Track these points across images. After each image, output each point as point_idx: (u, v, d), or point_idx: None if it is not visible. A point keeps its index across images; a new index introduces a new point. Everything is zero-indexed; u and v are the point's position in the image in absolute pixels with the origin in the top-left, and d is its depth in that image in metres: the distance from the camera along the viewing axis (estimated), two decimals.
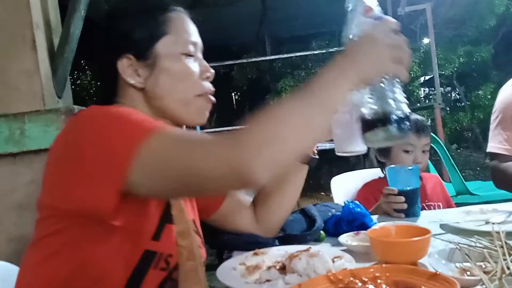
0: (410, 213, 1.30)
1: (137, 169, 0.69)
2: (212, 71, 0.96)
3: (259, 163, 0.65)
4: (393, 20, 0.80)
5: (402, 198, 1.30)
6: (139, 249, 0.80)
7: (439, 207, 1.67)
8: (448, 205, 1.73)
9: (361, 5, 0.83)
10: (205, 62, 0.95)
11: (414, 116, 1.68)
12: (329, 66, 0.76)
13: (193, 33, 0.94)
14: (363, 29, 0.80)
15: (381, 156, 1.70)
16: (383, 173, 1.70)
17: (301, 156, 0.70)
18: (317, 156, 1.13)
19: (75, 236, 0.79)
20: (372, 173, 1.83)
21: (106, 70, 0.92)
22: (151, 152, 0.69)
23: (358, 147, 0.95)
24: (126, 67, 0.89)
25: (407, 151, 1.62)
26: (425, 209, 1.59)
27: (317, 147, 1.15)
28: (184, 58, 0.91)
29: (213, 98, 0.95)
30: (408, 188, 1.31)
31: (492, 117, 1.97)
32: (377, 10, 0.82)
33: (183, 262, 0.85)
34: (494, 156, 1.92)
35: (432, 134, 3.57)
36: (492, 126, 1.95)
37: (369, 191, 1.68)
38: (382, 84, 0.80)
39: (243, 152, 0.65)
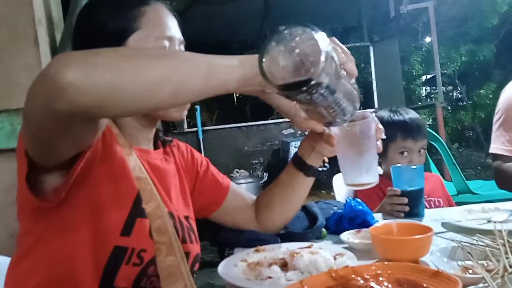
0: (413, 213, 1.28)
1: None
2: None
3: (74, 66, 0.58)
4: None
5: (405, 200, 1.29)
6: (108, 245, 0.79)
7: (439, 203, 1.66)
8: (449, 204, 1.72)
9: None
10: None
11: (412, 116, 1.67)
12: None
13: (170, 27, 0.91)
14: None
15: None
16: (382, 169, 1.70)
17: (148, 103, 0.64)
18: (325, 168, 1.10)
19: (42, 235, 0.80)
20: None
21: None
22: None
23: (367, 178, 0.91)
24: None
25: (402, 153, 1.62)
26: (426, 207, 1.58)
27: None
28: None
29: None
30: (412, 189, 1.29)
31: (495, 118, 1.96)
32: None
33: (163, 258, 0.84)
34: (496, 157, 1.91)
35: (433, 133, 3.58)
36: (494, 126, 1.95)
37: (371, 188, 1.67)
38: None
39: (63, 57, 0.61)
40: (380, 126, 0.95)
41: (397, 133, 1.61)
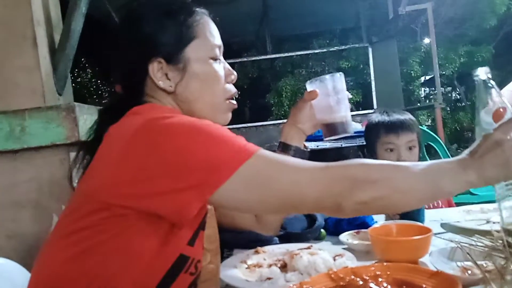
0: (411, 219, 1.26)
1: (233, 185, 0.72)
2: (235, 74, 0.96)
3: (353, 203, 0.71)
4: None
5: None
6: (175, 253, 0.80)
7: (437, 204, 1.66)
8: (448, 205, 1.72)
9: (494, 104, 0.84)
10: (228, 65, 0.96)
11: (397, 115, 1.67)
12: (456, 158, 0.77)
13: (217, 36, 0.94)
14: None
15: (368, 155, 1.71)
16: None
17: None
18: (308, 149, 1.15)
19: (122, 232, 0.76)
20: None
21: (133, 71, 0.91)
22: (254, 170, 0.73)
23: (345, 128, 1.06)
24: (157, 70, 0.89)
25: (391, 150, 1.62)
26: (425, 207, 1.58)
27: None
28: (212, 62, 0.91)
29: (234, 102, 0.96)
30: None
31: None
32: (509, 112, 0.82)
33: (205, 264, 0.87)
34: None
35: (432, 133, 3.59)
36: None
37: None
38: None
39: (344, 187, 0.72)
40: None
41: (381, 130, 1.64)
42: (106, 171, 0.77)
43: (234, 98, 0.96)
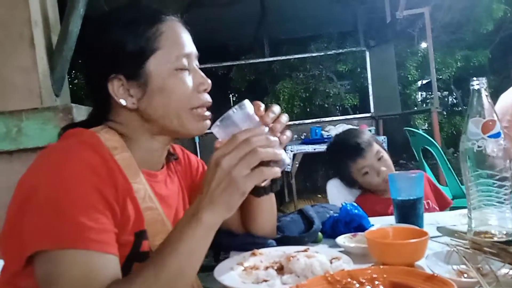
0: (410, 223, 1.14)
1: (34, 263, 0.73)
2: (209, 82, 0.90)
3: None
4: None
5: None
6: None
7: (428, 205, 1.66)
8: (436, 194, 1.72)
9: (484, 116, 0.90)
10: (201, 73, 0.90)
11: (347, 141, 1.69)
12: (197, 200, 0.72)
13: (187, 44, 0.89)
14: None
15: (348, 184, 1.75)
16: (364, 187, 1.74)
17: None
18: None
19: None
20: None
21: (97, 89, 0.88)
22: (47, 263, 0.72)
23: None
24: (117, 88, 0.84)
25: (366, 173, 1.65)
26: None
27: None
28: (177, 73, 0.86)
29: (207, 112, 0.90)
30: (406, 198, 1.18)
31: None
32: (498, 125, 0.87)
33: None
34: None
35: (429, 137, 3.60)
36: None
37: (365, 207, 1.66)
38: None
39: None
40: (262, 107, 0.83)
41: (347, 161, 1.68)
42: None
43: (208, 108, 0.90)
